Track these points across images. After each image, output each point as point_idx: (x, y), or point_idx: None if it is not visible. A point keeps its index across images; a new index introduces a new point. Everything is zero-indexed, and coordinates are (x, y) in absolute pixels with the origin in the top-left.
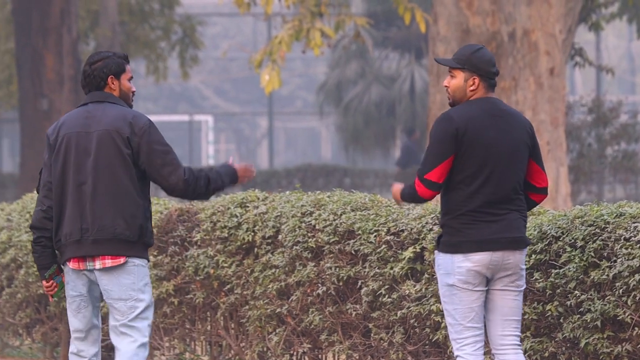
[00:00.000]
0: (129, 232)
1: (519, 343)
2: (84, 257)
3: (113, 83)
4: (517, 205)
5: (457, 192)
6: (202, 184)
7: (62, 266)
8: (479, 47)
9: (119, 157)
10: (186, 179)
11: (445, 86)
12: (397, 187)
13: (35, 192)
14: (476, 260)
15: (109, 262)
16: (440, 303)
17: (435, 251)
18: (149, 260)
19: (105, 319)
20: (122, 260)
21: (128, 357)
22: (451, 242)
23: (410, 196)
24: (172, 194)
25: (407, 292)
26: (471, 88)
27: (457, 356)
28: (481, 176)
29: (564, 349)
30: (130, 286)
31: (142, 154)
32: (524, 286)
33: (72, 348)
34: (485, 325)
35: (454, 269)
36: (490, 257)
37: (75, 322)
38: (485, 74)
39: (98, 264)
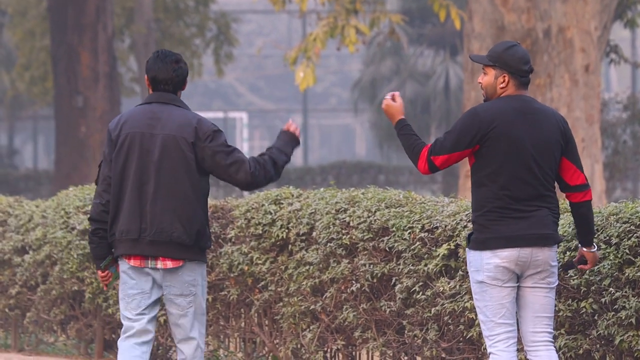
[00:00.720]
0: (186, 237)
1: (551, 340)
2: (145, 256)
3: (183, 88)
4: (548, 203)
5: (484, 188)
6: (270, 168)
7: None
8: (512, 44)
9: (183, 162)
10: (252, 171)
11: (479, 82)
12: (398, 112)
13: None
14: (504, 257)
15: (169, 264)
16: (474, 300)
17: (467, 249)
18: (206, 262)
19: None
20: (181, 263)
21: None
22: (480, 239)
23: (408, 152)
24: (246, 188)
25: (441, 289)
26: (501, 85)
27: (490, 353)
28: (506, 172)
29: (598, 346)
30: (191, 282)
31: (207, 158)
32: (556, 283)
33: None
34: (517, 322)
35: (483, 266)
36: (518, 254)
37: (129, 323)
38: (515, 71)
39: (160, 264)
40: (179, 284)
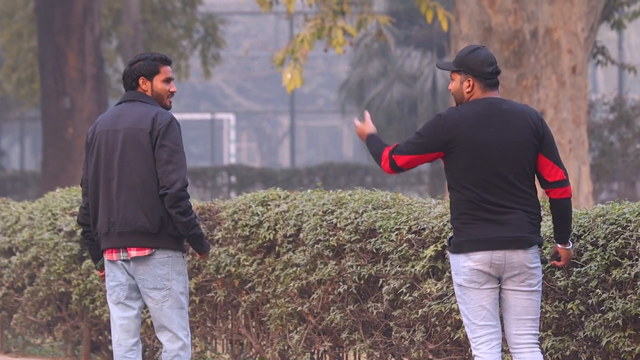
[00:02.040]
0: (149, 225)
1: (535, 342)
2: (116, 248)
3: (145, 84)
4: (524, 205)
5: (455, 192)
6: (189, 204)
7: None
8: (475, 47)
9: (140, 152)
10: (185, 183)
11: (449, 89)
12: (367, 128)
13: (57, 190)
14: (477, 260)
15: (133, 253)
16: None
17: (448, 252)
18: (184, 251)
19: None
20: (146, 251)
21: (171, 357)
22: (456, 242)
23: (374, 155)
24: (166, 191)
25: (428, 290)
26: (467, 90)
27: (474, 355)
28: (473, 178)
29: (585, 347)
30: (164, 276)
31: (156, 148)
32: (538, 285)
33: (114, 337)
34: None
35: (459, 269)
36: (490, 256)
37: (115, 311)
38: (479, 74)
39: (124, 255)
40: (151, 277)
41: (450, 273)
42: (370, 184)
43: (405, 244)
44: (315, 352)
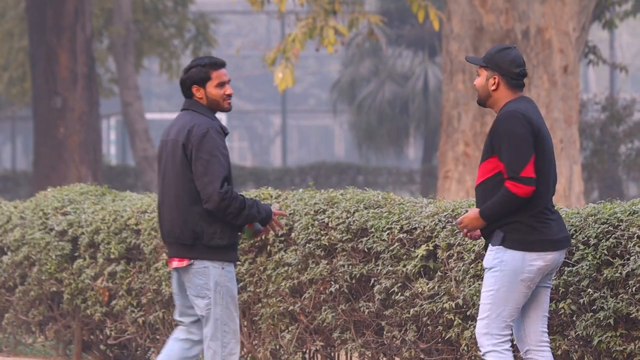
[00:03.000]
0: (184, 237)
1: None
2: (169, 257)
3: (198, 92)
4: None
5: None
6: (237, 205)
7: None
8: (507, 46)
9: (175, 165)
10: (222, 192)
11: (474, 85)
12: (472, 214)
13: (49, 189)
14: (549, 260)
15: (175, 263)
16: (452, 301)
17: (499, 247)
18: (228, 261)
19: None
20: (185, 262)
21: None
22: (526, 240)
23: (504, 205)
24: (207, 205)
25: (420, 289)
26: (492, 87)
27: (493, 351)
28: (548, 174)
29: (576, 347)
30: (204, 286)
31: (192, 161)
32: None
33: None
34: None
35: (525, 267)
36: (559, 256)
37: (176, 315)
38: (506, 73)
39: (173, 264)
40: (193, 286)
41: (442, 272)
42: (362, 183)
43: (396, 244)
44: (307, 351)
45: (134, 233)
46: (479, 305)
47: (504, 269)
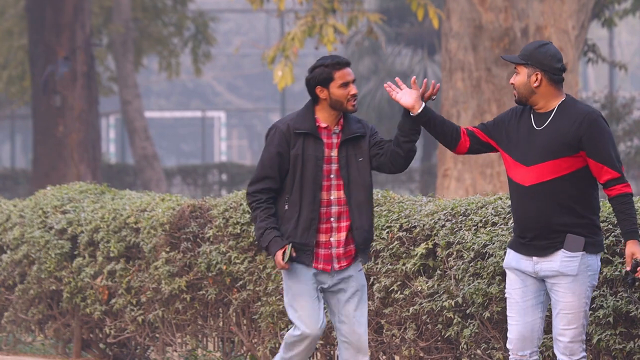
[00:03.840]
0: None
1: None
2: None
3: (322, 92)
4: None
5: (596, 190)
6: (252, 213)
7: None
8: (544, 42)
9: None
10: (247, 192)
11: (511, 83)
12: (636, 247)
13: (48, 188)
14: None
15: None
16: (452, 300)
17: (584, 253)
18: (295, 261)
19: None
20: None
21: None
22: (599, 242)
23: (635, 212)
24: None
25: (420, 288)
26: (535, 84)
27: (582, 357)
28: None
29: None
30: None
31: None
32: None
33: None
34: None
35: (597, 270)
36: None
37: None
38: (549, 69)
39: None
40: None
41: (441, 270)
42: None
43: (396, 242)
44: None
45: (134, 231)
46: (478, 303)
47: (589, 274)
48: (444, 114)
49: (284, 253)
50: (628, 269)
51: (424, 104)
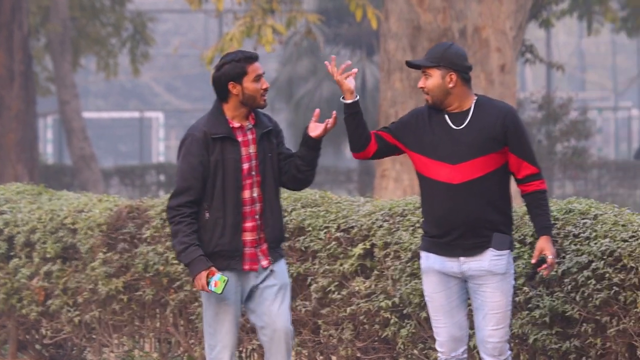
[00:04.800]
0: None
1: None
2: None
3: (235, 88)
4: None
5: (509, 186)
6: (172, 228)
7: None
8: (449, 43)
9: None
10: (168, 207)
11: (421, 87)
12: (547, 243)
13: None
14: None
15: None
16: (389, 300)
17: (508, 251)
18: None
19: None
20: None
21: None
22: (512, 239)
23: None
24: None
25: (357, 288)
26: (450, 85)
27: (508, 357)
28: None
29: (512, 344)
30: None
31: None
32: None
33: None
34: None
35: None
36: None
37: None
38: (461, 69)
39: None
40: None
41: (379, 271)
42: None
43: (333, 242)
44: (244, 350)
45: (71, 232)
46: (415, 303)
47: (512, 272)
48: (382, 114)
49: (218, 282)
50: (533, 261)
51: (357, 96)
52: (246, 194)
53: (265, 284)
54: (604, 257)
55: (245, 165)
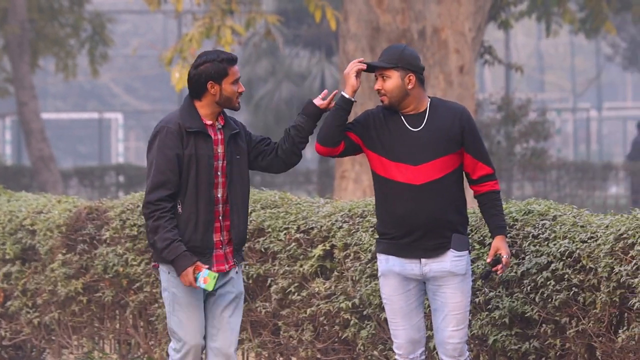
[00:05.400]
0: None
1: None
2: None
3: (213, 88)
4: None
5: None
6: (153, 223)
7: None
8: (403, 45)
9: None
10: (148, 201)
11: (378, 89)
12: (502, 243)
13: None
14: None
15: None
16: (349, 301)
17: (468, 252)
18: (164, 267)
19: None
20: (153, 265)
21: None
22: (468, 240)
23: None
24: (141, 209)
25: (317, 289)
26: (409, 86)
27: (468, 355)
28: None
29: (472, 345)
30: (163, 288)
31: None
32: None
33: None
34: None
35: None
36: None
37: None
38: (418, 69)
39: None
40: None
41: (338, 272)
42: (259, 183)
43: (293, 244)
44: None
45: (30, 233)
46: (375, 304)
47: (470, 272)
48: None
49: (207, 278)
50: (489, 261)
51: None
52: (217, 192)
53: (222, 290)
54: (563, 258)
55: (216, 164)
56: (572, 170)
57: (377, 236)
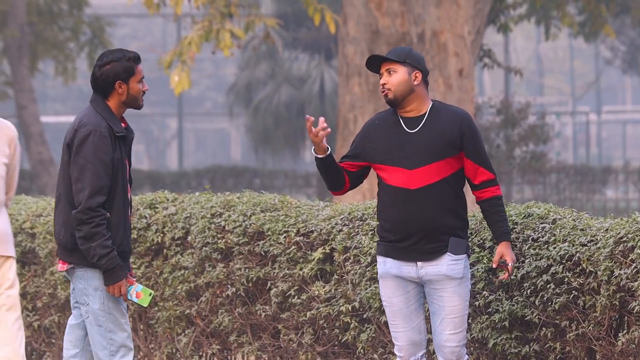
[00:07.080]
0: (65, 240)
1: None
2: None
3: (121, 87)
4: None
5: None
6: (92, 230)
7: None
8: (410, 47)
9: (62, 165)
10: (88, 206)
11: (383, 84)
12: (507, 248)
13: None
14: None
15: (59, 266)
16: (349, 304)
17: (465, 256)
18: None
19: None
20: (65, 266)
21: None
22: (468, 244)
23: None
24: (75, 217)
25: (317, 293)
26: (415, 82)
27: (467, 359)
28: None
29: (472, 349)
30: (83, 291)
31: (71, 164)
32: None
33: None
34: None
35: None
36: None
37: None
38: (423, 70)
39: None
40: (77, 291)
41: (338, 275)
42: (259, 186)
43: (293, 247)
44: (204, 355)
45: (29, 237)
46: (375, 307)
47: (469, 276)
48: (341, 119)
49: (141, 293)
50: (494, 266)
51: (329, 148)
52: (129, 195)
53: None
54: (563, 262)
55: (128, 168)
56: (571, 174)
57: (377, 238)
